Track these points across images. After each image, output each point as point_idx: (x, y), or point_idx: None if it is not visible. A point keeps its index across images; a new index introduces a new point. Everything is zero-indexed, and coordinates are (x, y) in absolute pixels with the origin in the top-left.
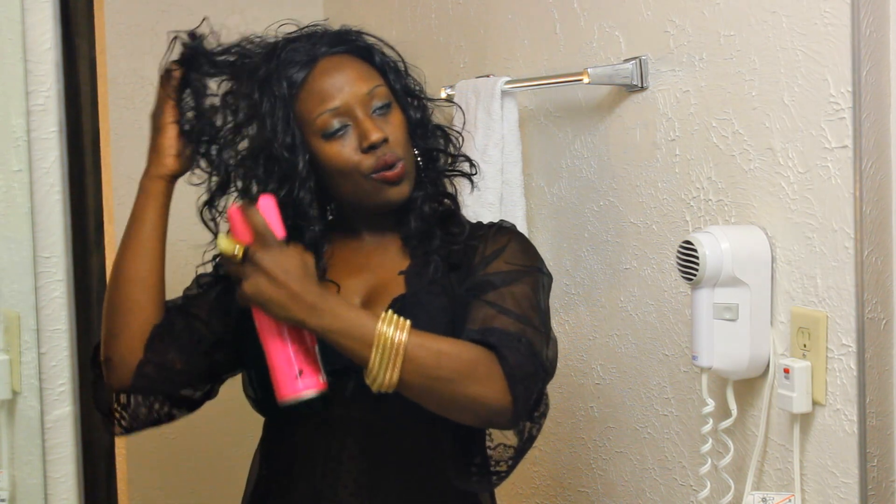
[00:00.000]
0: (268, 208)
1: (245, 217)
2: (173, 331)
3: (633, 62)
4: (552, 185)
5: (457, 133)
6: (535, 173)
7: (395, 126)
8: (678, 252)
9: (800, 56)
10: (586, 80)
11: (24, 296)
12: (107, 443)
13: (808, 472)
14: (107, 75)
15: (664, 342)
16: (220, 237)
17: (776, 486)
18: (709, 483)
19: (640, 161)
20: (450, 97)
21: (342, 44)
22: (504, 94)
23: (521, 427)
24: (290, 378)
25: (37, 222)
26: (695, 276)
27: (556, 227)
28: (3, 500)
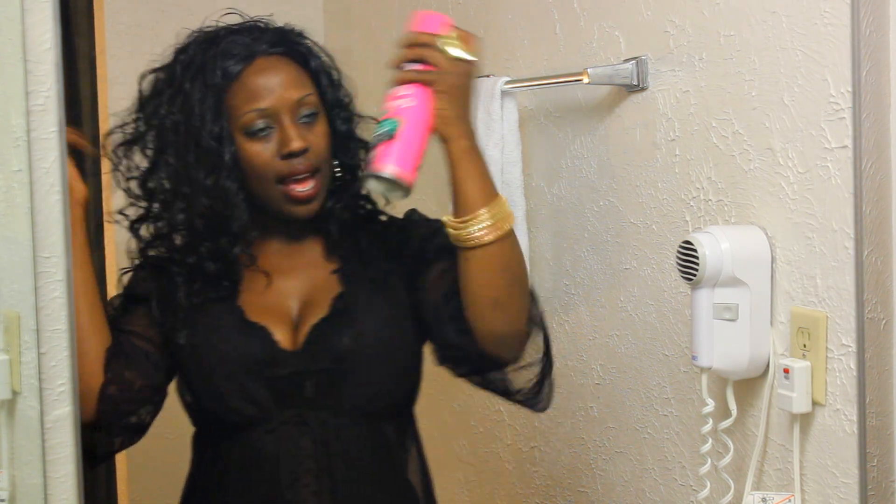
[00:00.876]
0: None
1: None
2: (123, 350)
3: (633, 62)
4: (552, 186)
5: None
6: (535, 173)
7: (318, 136)
8: (678, 252)
9: (800, 56)
10: (586, 80)
11: (24, 296)
12: None
13: (807, 472)
14: (107, 75)
15: (664, 342)
16: (449, 41)
17: (776, 486)
18: (709, 483)
19: (640, 161)
20: None
21: (282, 44)
22: (504, 94)
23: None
24: (410, 160)
25: (37, 222)
26: (695, 276)
27: (556, 227)
28: (2, 500)
